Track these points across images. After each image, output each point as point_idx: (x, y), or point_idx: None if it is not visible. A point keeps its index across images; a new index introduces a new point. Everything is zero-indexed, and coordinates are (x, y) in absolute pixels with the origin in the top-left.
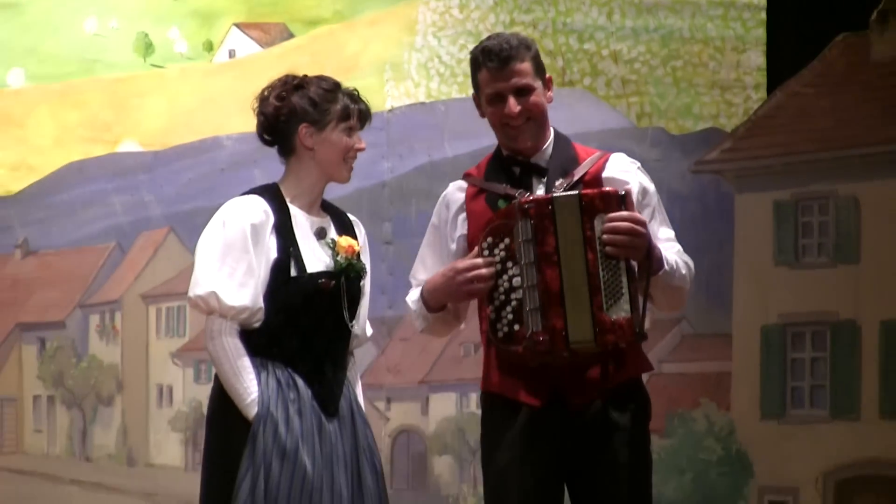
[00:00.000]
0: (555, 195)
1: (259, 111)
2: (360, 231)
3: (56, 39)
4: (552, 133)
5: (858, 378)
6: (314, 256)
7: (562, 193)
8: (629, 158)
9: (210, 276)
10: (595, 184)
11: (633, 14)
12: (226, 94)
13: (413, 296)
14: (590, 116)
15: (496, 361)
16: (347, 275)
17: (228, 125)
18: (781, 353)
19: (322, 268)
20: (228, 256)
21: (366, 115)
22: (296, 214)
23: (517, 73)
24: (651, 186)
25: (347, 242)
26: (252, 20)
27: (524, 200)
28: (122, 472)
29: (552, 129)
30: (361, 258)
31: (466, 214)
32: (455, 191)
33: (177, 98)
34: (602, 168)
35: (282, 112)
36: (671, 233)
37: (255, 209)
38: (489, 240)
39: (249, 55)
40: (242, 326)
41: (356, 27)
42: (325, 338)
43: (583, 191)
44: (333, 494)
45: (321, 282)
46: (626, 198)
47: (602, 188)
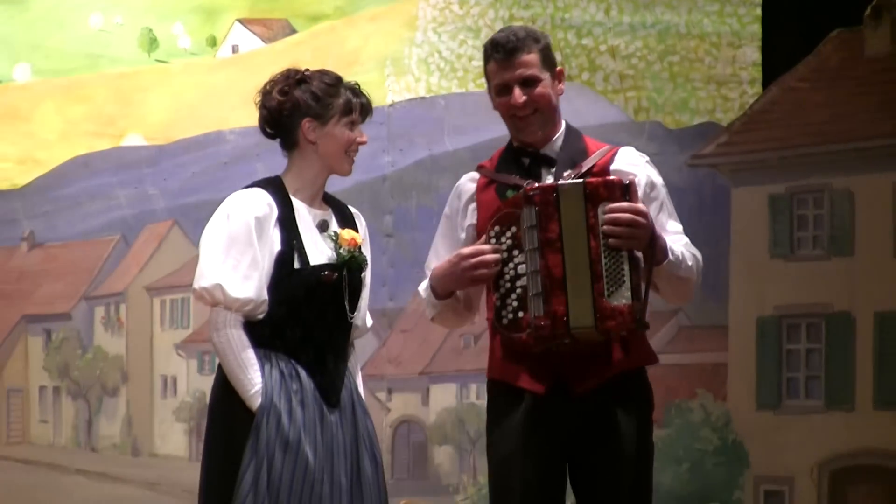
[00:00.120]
0: (559, 183)
1: (262, 105)
2: (361, 223)
3: (61, 35)
4: (563, 125)
5: (853, 369)
6: (317, 249)
7: (566, 181)
8: (638, 152)
9: (215, 269)
10: (602, 175)
11: (631, 10)
12: (229, 89)
13: (424, 284)
14: (588, 111)
15: (501, 349)
16: (350, 267)
17: (231, 119)
18: (777, 345)
19: (324, 260)
20: (233, 249)
21: (367, 109)
22: (299, 207)
23: (523, 65)
24: (659, 180)
25: (350, 235)
26: (255, 16)
27: (529, 188)
28: (127, 462)
29: (563, 122)
30: (363, 250)
31: (476, 204)
32: (467, 181)
33: (181, 93)
34: (611, 161)
35: (285, 106)
36: (679, 226)
37: (259, 202)
38: (496, 228)
39: (252, 50)
40: (246, 318)
41: (357, 23)
42: (327, 329)
43: (587, 179)
44: (333, 485)
45: (324, 274)
46: (630, 187)
47: (606, 177)
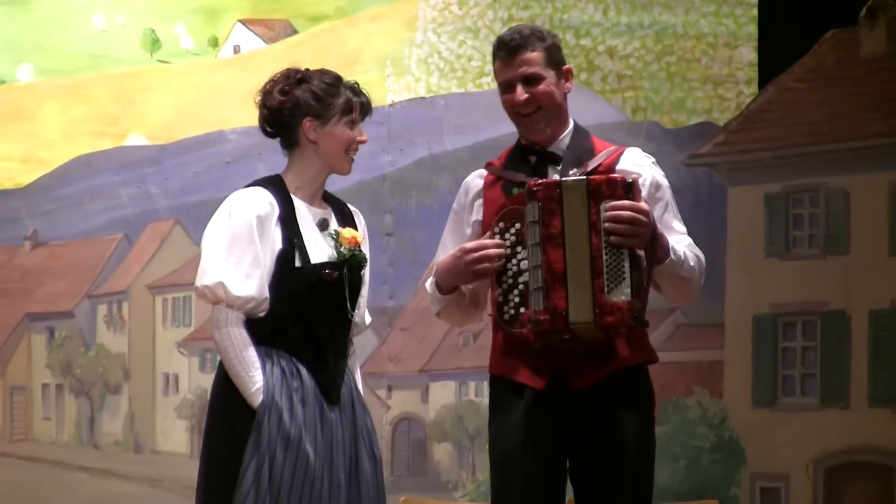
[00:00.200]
0: (562, 179)
1: (262, 104)
2: (360, 221)
3: (64, 35)
4: (571, 124)
5: (848, 366)
6: (317, 247)
7: (570, 178)
8: (644, 153)
9: (217, 267)
10: (607, 174)
11: (628, 11)
12: (230, 89)
13: (430, 280)
14: (586, 111)
15: (502, 344)
16: (350, 265)
17: (233, 119)
18: (773, 343)
19: (325, 258)
20: (235, 247)
21: (367, 108)
22: (299, 206)
23: (525, 63)
24: (664, 182)
25: (351, 234)
26: (256, 17)
27: (533, 183)
28: (129, 459)
29: (572, 121)
30: (362, 248)
31: (483, 200)
32: (475, 178)
33: (183, 93)
34: (616, 161)
35: (286, 106)
36: (683, 227)
37: (261, 201)
38: (501, 224)
39: (254, 51)
40: (248, 316)
41: (358, 23)
42: (328, 327)
43: (590, 176)
44: (332, 482)
45: (325, 272)
46: (633, 186)
47: (609, 175)
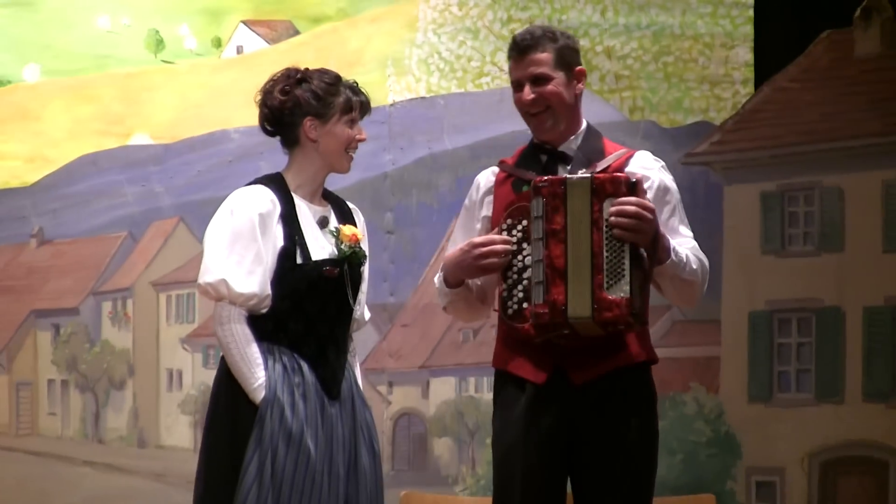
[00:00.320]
0: (567, 176)
1: (263, 103)
2: (360, 218)
3: (70, 36)
4: (584, 125)
5: (842, 362)
6: (317, 244)
7: (574, 175)
8: (653, 157)
9: (219, 264)
10: (612, 172)
11: (626, 11)
12: (234, 89)
13: (438, 274)
14: (584, 110)
15: (505, 339)
16: (350, 262)
17: (236, 119)
18: (768, 339)
19: (325, 255)
20: (237, 244)
21: (366, 107)
22: (300, 204)
23: (534, 63)
24: (673, 186)
25: (351, 231)
26: (259, 17)
27: (539, 180)
28: (134, 454)
29: (585, 122)
30: (362, 245)
31: (493, 197)
32: (487, 174)
33: (186, 93)
34: (625, 163)
35: (286, 105)
36: (689, 232)
37: (263, 198)
38: (508, 221)
39: (256, 51)
40: (250, 312)
41: (359, 24)
42: (329, 323)
43: (595, 174)
44: (332, 476)
45: (326, 269)
46: (637, 185)
47: (614, 173)
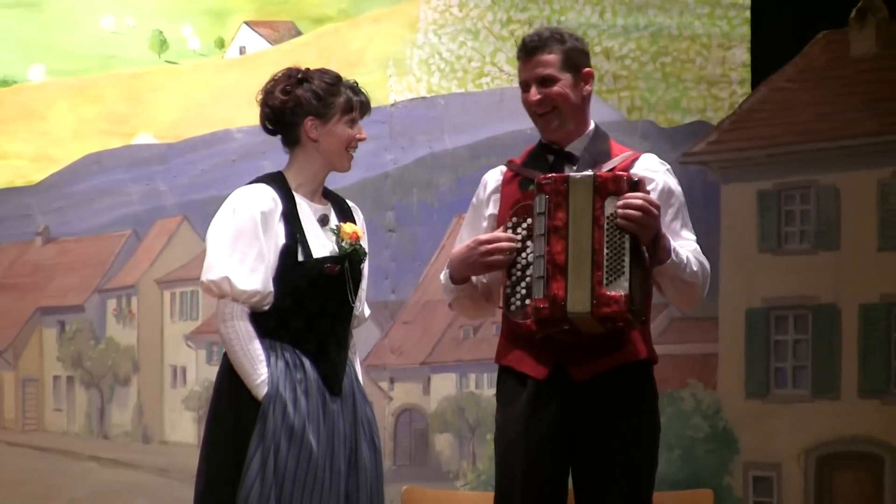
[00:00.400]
0: (570, 174)
1: (264, 103)
2: (359, 216)
3: (75, 36)
4: (591, 127)
5: (838, 359)
6: (318, 242)
7: (578, 173)
8: (659, 160)
9: (222, 262)
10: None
11: (624, 12)
12: (237, 89)
13: (445, 271)
14: None
15: (509, 335)
16: (351, 259)
17: (239, 118)
18: (765, 336)
19: (326, 253)
20: (239, 242)
21: (366, 107)
22: (301, 202)
23: (540, 64)
24: (677, 189)
25: (351, 229)
26: (261, 18)
27: (542, 177)
28: (138, 449)
29: (593, 123)
30: (362, 242)
31: (499, 196)
32: (495, 173)
33: (190, 92)
34: (630, 165)
35: (288, 105)
36: (692, 236)
37: (264, 197)
38: (514, 219)
39: (259, 51)
40: (253, 309)
41: (360, 25)
42: (330, 320)
43: (597, 172)
44: (333, 471)
45: (327, 266)
46: (639, 184)
47: (616, 172)
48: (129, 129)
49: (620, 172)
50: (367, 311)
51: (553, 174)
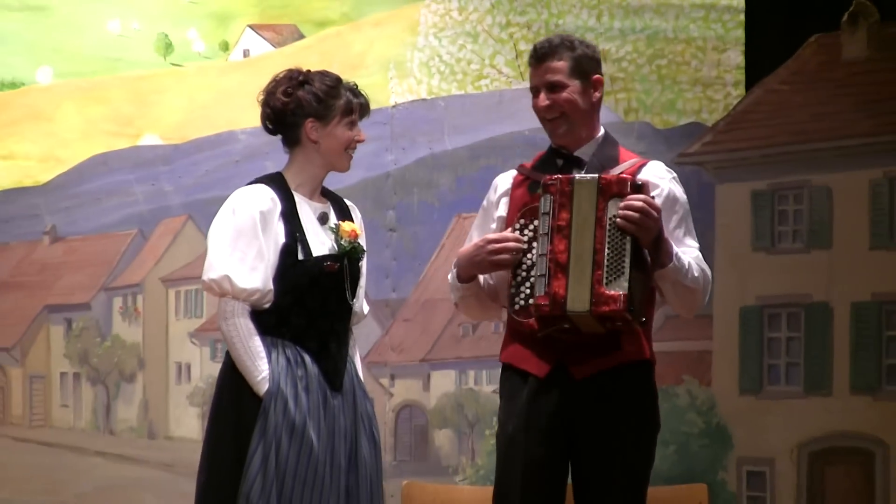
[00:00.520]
0: (576, 175)
1: (265, 104)
2: (357, 215)
3: (82, 39)
4: (601, 132)
5: (830, 356)
6: (318, 240)
7: (583, 175)
8: (666, 167)
9: (223, 261)
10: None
11: (621, 16)
12: (240, 91)
13: (452, 270)
14: None
15: (513, 334)
16: (350, 257)
17: (243, 120)
18: (759, 333)
19: (326, 251)
20: (239, 242)
21: (366, 109)
22: (300, 201)
23: (550, 70)
24: (682, 197)
25: (350, 227)
26: (265, 22)
27: (549, 178)
28: (143, 445)
29: (602, 129)
30: (360, 241)
31: (509, 198)
32: (505, 177)
33: (195, 94)
34: (637, 171)
35: (289, 107)
36: (695, 244)
37: (263, 197)
38: (521, 221)
39: (262, 54)
40: (253, 307)
41: (362, 28)
42: (330, 317)
43: (602, 175)
44: (333, 467)
45: (326, 264)
46: (643, 188)
47: (620, 174)
48: (135, 131)
49: (625, 175)
50: (367, 309)
51: (559, 175)
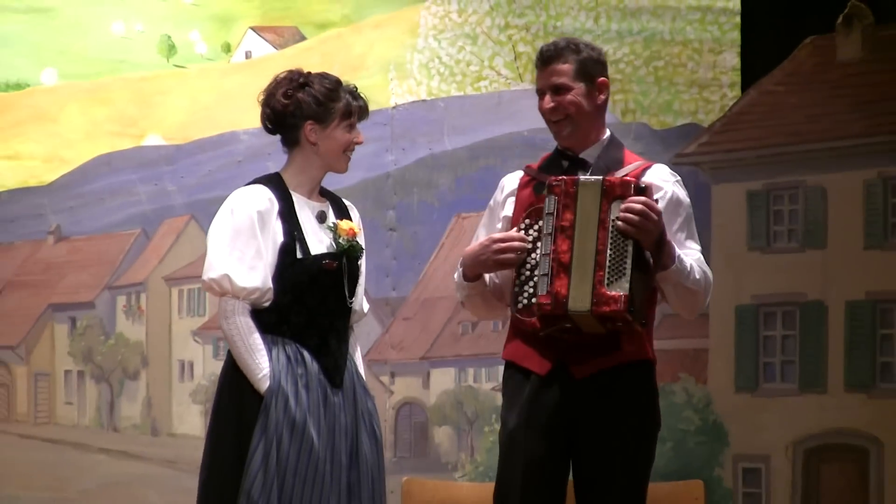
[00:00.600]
0: (580, 177)
1: (266, 104)
2: (355, 214)
3: (86, 41)
4: (607, 135)
5: (825, 354)
6: (316, 239)
7: (587, 177)
8: (670, 171)
9: (222, 261)
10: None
11: (618, 18)
12: (242, 92)
13: (458, 269)
14: None
15: (516, 332)
16: (348, 255)
17: (245, 120)
18: (754, 331)
19: (324, 249)
20: (238, 241)
21: (365, 111)
22: (298, 201)
23: (555, 73)
24: (686, 201)
25: (348, 226)
26: (266, 24)
27: (553, 179)
28: (147, 441)
29: (608, 132)
30: (358, 239)
31: (514, 199)
32: (512, 177)
33: (197, 96)
34: (641, 174)
35: (288, 109)
36: (697, 246)
37: (261, 197)
38: (526, 221)
39: (264, 56)
40: (253, 306)
41: (363, 30)
42: (329, 315)
43: (606, 177)
44: (334, 463)
45: (325, 262)
46: (646, 191)
47: (624, 177)
48: (139, 131)
49: (628, 178)
50: (367, 307)
51: (564, 177)
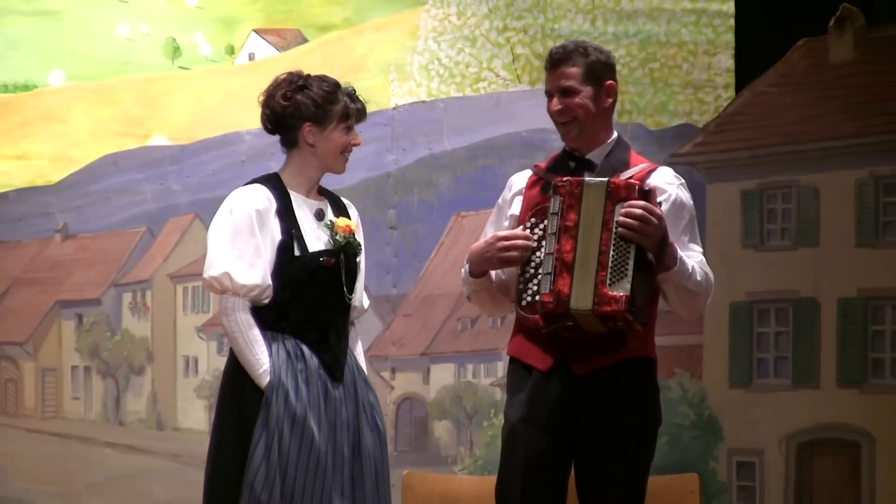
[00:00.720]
0: (585, 178)
1: (265, 105)
2: (353, 212)
3: (93, 43)
4: (614, 136)
5: (818, 350)
6: (314, 237)
7: (592, 179)
8: (674, 173)
9: (222, 259)
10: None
11: (615, 20)
12: (246, 93)
13: (465, 265)
14: None
15: (520, 329)
16: (346, 252)
17: (248, 121)
18: (748, 328)
19: (322, 247)
20: (237, 240)
21: (363, 113)
22: (296, 199)
23: (563, 76)
24: (689, 204)
25: (345, 223)
26: (269, 26)
27: (559, 180)
28: (152, 436)
29: (615, 134)
30: (356, 236)
31: (522, 197)
32: (520, 176)
33: (202, 97)
34: (646, 177)
35: (287, 110)
36: (699, 248)
37: (259, 196)
38: (532, 220)
39: (267, 58)
40: (253, 303)
41: (364, 32)
42: (328, 310)
43: (611, 179)
44: (336, 456)
45: (322, 259)
46: (650, 193)
47: (629, 179)
48: (144, 132)
49: (633, 181)
50: (367, 303)
51: (569, 177)
